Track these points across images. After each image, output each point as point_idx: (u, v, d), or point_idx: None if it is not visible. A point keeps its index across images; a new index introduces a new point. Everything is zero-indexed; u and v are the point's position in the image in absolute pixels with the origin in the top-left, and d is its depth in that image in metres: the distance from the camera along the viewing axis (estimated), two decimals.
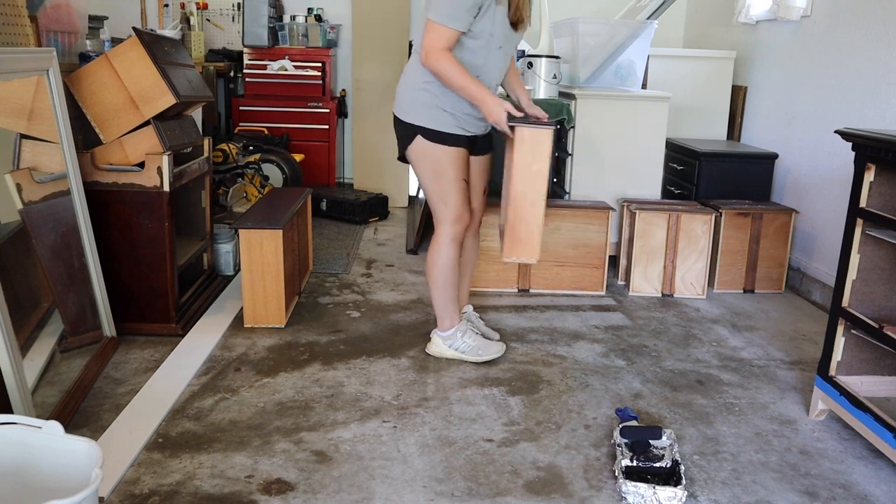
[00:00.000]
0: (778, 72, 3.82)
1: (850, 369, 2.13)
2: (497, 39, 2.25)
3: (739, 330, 2.96)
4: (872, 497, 1.83)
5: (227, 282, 3.26)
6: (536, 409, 2.22)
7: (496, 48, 2.27)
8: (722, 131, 4.24)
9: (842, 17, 3.28)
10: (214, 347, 2.58)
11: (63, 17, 2.73)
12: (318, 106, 4.92)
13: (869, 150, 1.95)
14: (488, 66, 2.29)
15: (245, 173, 4.20)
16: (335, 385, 2.33)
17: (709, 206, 3.40)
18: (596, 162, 3.55)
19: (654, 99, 3.57)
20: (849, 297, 2.07)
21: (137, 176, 2.53)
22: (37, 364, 2.09)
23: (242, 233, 2.69)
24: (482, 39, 2.23)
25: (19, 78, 2.15)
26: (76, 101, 2.48)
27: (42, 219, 2.24)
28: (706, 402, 2.31)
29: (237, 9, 5.09)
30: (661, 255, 3.30)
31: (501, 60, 2.32)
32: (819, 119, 3.41)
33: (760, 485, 1.86)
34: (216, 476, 1.81)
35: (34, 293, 2.28)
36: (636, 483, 1.75)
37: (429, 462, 1.91)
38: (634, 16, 3.88)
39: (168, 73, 2.53)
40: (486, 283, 3.30)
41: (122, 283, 2.59)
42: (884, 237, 1.95)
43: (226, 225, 3.45)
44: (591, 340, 2.79)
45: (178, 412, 2.12)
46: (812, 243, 3.45)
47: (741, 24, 4.16)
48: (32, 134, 2.26)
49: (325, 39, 4.96)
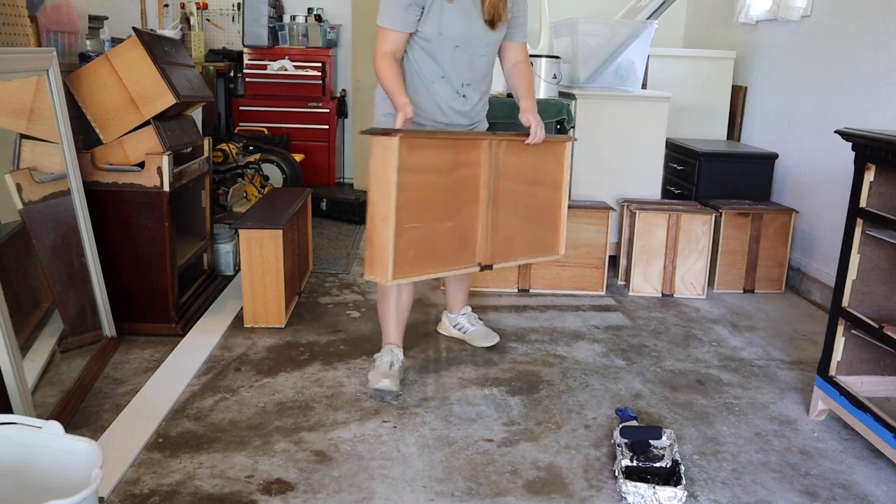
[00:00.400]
0: (778, 72, 3.82)
1: (850, 369, 2.13)
2: (450, 39, 2.16)
3: (739, 330, 2.96)
4: (872, 497, 1.83)
5: (227, 282, 3.26)
6: (536, 409, 2.22)
7: (451, 48, 2.17)
8: (722, 131, 4.24)
9: (842, 17, 3.28)
10: (214, 347, 2.58)
11: (63, 17, 2.73)
12: (318, 106, 4.92)
13: (869, 150, 1.95)
14: (448, 66, 2.20)
15: (245, 173, 4.20)
16: (335, 385, 2.33)
17: (709, 206, 3.40)
18: (596, 162, 3.55)
19: (654, 99, 3.57)
20: (849, 297, 2.07)
21: (137, 176, 2.53)
22: (37, 364, 2.09)
23: (242, 233, 2.69)
24: (433, 41, 2.16)
25: (19, 78, 2.15)
26: (76, 101, 2.48)
27: (42, 219, 2.24)
28: (706, 402, 2.31)
29: (237, 9, 5.09)
30: (661, 255, 3.30)
31: (464, 61, 2.21)
32: (819, 119, 3.41)
33: (760, 485, 1.86)
34: (216, 476, 1.81)
35: (34, 293, 2.28)
36: (636, 483, 1.75)
37: (429, 462, 1.91)
38: (634, 16, 3.88)
39: (168, 73, 2.53)
40: (486, 283, 3.30)
41: (122, 283, 2.59)
42: (884, 237, 1.95)
43: (226, 225, 3.45)
44: (591, 340, 2.79)
45: (178, 412, 2.12)
46: (812, 243, 3.45)
47: (741, 24, 4.15)
48: (32, 134, 2.26)
49: (325, 39, 4.96)
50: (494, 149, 2.18)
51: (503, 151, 2.20)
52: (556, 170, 2.38)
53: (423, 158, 2.00)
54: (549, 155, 2.35)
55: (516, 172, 2.26)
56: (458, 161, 2.10)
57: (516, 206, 2.28)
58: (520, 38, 2.35)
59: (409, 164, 1.96)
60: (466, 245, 2.18)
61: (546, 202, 2.37)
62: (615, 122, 3.52)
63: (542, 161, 2.33)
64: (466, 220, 2.16)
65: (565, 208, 2.41)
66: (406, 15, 2.11)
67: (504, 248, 2.28)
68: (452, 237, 2.13)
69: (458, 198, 2.12)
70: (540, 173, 2.33)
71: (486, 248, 2.22)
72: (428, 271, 2.10)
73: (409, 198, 1.97)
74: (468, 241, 2.18)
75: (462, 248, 2.17)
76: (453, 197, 2.10)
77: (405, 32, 2.14)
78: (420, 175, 2.00)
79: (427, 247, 2.06)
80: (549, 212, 2.38)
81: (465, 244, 2.17)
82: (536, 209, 2.34)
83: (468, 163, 2.13)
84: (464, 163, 2.11)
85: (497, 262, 2.27)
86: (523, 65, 2.38)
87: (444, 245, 2.12)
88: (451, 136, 2.12)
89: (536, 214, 2.35)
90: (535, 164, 2.30)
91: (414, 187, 1.99)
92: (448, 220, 2.10)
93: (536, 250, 2.40)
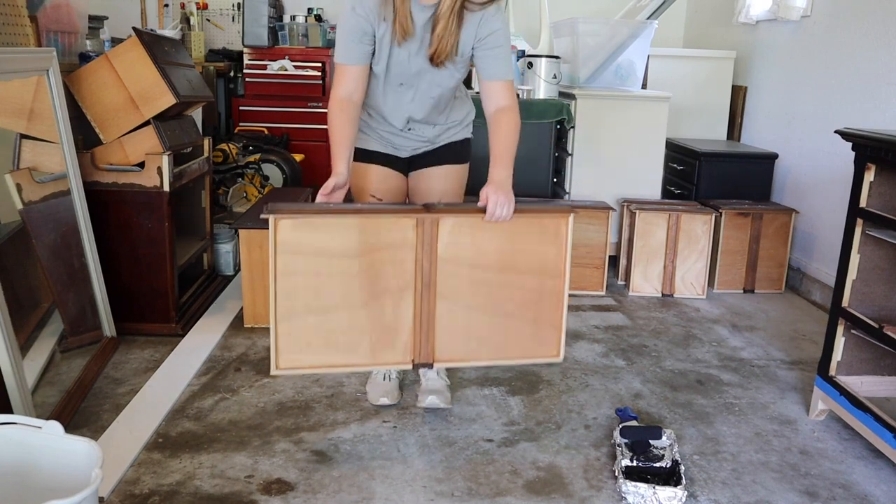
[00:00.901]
0: (778, 72, 3.82)
1: (850, 369, 2.13)
2: (396, 77, 1.92)
3: (739, 330, 2.96)
4: (872, 497, 1.83)
5: (227, 282, 3.26)
6: (536, 409, 2.22)
7: (396, 85, 1.93)
8: (722, 131, 4.24)
9: (842, 17, 3.28)
10: (214, 347, 2.58)
11: (63, 17, 2.73)
12: (318, 106, 4.91)
13: (869, 150, 1.95)
14: (391, 104, 1.97)
15: (245, 173, 4.20)
16: (335, 385, 2.33)
17: (709, 206, 3.40)
18: (596, 162, 3.55)
19: (654, 99, 3.57)
20: (849, 297, 2.07)
21: (137, 176, 2.53)
22: (37, 364, 2.09)
23: (242, 233, 2.70)
24: (379, 77, 1.93)
25: (19, 78, 2.15)
26: (76, 101, 2.48)
27: (42, 219, 2.24)
28: (706, 402, 2.31)
29: (237, 9, 5.09)
30: (661, 255, 3.30)
31: (409, 97, 1.96)
32: (819, 119, 3.41)
33: (760, 485, 1.86)
34: (216, 476, 1.81)
35: (34, 293, 2.28)
36: (636, 483, 1.75)
37: (429, 462, 1.91)
38: (634, 16, 3.88)
39: (168, 73, 2.53)
40: None
41: (122, 283, 2.59)
42: (884, 237, 1.95)
43: (226, 225, 3.45)
44: (591, 340, 2.79)
45: (178, 412, 2.12)
46: (812, 243, 3.45)
47: (741, 24, 4.15)
48: (32, 134, 2.26)
49: (325, 39, 4.95)
50: (430, 228, 1.77)
51: (454, 231, 1.78)
52: (552, 252, 1.85)
53: (317, 240, 1.72)
54: (541, 234, 1.83)
55: (480, 256, 1.81)
56: (373, 243, 1.75)
57: (484, 297, 1.84)
58: (499, 76, 1.89)
59: (298, 247, 1.71)
60: (395, 339, 1.82)
61: (536, 293, 1.86)
62: (615, 122, 3.52)
63: (529, 242, 1.83)
64: (390, 311, 1.80)
65: (565, 300, 1.89)
66: (360, 46, 1.85)
67: (464, 348, 1.86)
68: (372, 329, 1.80)
69: (374, 285, 1.77)
70: (526, 257, 1.83)
71: (425, 344, 1.83)
72: (333, 364, 1.81)
73: (299, 283, 1.73)
74: (397, 335, 1.82)
75: (386, 343, 1.82)
76: (368, 283, 1.77)
77: (362, 66, 1.88)
78: (315, 258, 1.73)
79: (332, 338, 1.78)
80: (541, 305, 1.87)
81: (394, 338, 1.82)
82: (521, 302, 1.86)
83: (389, 245, 1.76)
84: (383, 244, 1.76)
85: (450, 363, 1.88)
86: (505, 114, 1.88)
87: (358, 337, 1.80)
88: (362, 214, 1.74)
89: (520, 309, 1.86)
90: (519, 247, 1.82)
91: (305, 272, 1.73)
92: (361, 309, 1.78)
93: (521, 352, 1.90)
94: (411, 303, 1.80)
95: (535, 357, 1.90)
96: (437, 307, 1.82)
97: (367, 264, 1.76)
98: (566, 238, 1.84)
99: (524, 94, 3.54)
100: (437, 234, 1.77)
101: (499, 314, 1.85)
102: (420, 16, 1.82)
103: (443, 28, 1.81)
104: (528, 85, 3.61)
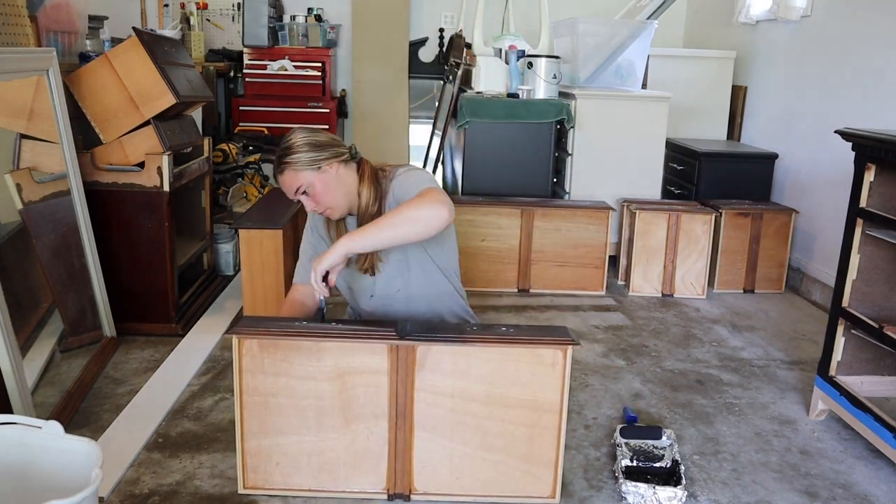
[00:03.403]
0: (778, 72, 3.82)
1: (850, 369, 2.13)
2: (363, 291, 1.95)
3: (739, 330, 2.96)
4: (872, 497, 1.83)
5: (227, 282, 3.26)
6: None
7: (367, 297, 1.95)
8: (722, 131, 4.24)
9: (842, 17, 3.28)
10: (214, 347, 2.58)
11: (63, 17, 2.73)
12: (318, 106, 4.91)
13: (869, 150, 1.95)
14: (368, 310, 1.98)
15: (245, 173, 4.19)
16: None
17: (709, 206, 3.40)
18: (596, 162, 3.55)
19: (654, 99, 3.57)
20: (849, 297, 2.07)
21: (137, 176, 2.53)
22: (37, 364, 2.09)
23: (242, 233, 2.69)
24: (346, 294, 2.01)
25: (19, 78, 2.15)
26: (76, 101, 2.48)
27: (42, 219, 2.24)
28: (706, 402, 2.31)
29: (237, 9, 5.08)
30: (661, 255, 3.30)
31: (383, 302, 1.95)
32: (819, 119, 3.41)
33: (760, 485, 1.86)
34: (216, 476, 1.81)
35: (34, 293, 2.28)
36: (636, 483, 1.75)
37: None
38: (634, 16, 3.88)
39: (168, 73, 2.53)
40: (486, 283, 3.30)
41: (122, 283, 2.59)
42: (884, 237, 1.95)
43: (226, 225, 3.45)
44: (591, 340, 2.79)
45: (178, 412, 2.12)
46: (812, 243, 3.45)
47: (741, 24, 4.16)
48: (32, 134, 2.26)
49: (325, 39, 4.95)
50: (406, 356, 1.65)
51: (433, 359, 1.65)
52: (548, 385, 1.67)
53: (285, 361, 1.65)
54: (535, 364, 1.66)
55: (465, 386, 1.67)
56: (343, 367, 1.66)
57: (469, 430, 1.69)
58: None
59: (263, 367, 1.65)
60: (371, 467, 1.72)
61: (528, 429, 1.69)
62: (615, 122, 3.52)
63: (522, 372, 1.66)
64: (363, 438, 1.70)
65: (562, 438, 1.69)
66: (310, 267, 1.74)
67: (447, 480, 1.72)
68: (346, 454, 1.71)
69: (347, 409, 1.68)
70: (518, 389, 1.67)
71: (402, 475, 1.71)
72: (303, 487, 1.72)
73: (267, 403, 1.68)
74: (373, 462, 1.72)
75: (361, 470, 1.72)
76: (340, 407, 1.68)
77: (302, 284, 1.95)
78: (283, 379, 1.66)
79: (303, 460, 1.71)
80: (534, 442, 1.70)
81: (369, 465, 1.72)
82: (511, 438, 1.69)
83: (361, 370, 1.66)
84: (355, 369, 1.66)
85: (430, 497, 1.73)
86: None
87: (330, 462, 1.71)
88: (332, 339, 1.65)
89: (510, 445, 1.70)
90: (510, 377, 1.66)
91: (273, 392, 1.67)
92: (332, 433, 1.69)
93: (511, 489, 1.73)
94: (385, 431, 1.69)
95: (525, 497, 1.72)
96: (415, 438, 1.69)
97: (339, 388, 1.67)
98: (564, 370, 1.65)
99: (524, 94, 3.54)
100: (414, 360, 1.65)
101: (485, 449, 1.70)
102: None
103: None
104: (528, 85, 3.60)
